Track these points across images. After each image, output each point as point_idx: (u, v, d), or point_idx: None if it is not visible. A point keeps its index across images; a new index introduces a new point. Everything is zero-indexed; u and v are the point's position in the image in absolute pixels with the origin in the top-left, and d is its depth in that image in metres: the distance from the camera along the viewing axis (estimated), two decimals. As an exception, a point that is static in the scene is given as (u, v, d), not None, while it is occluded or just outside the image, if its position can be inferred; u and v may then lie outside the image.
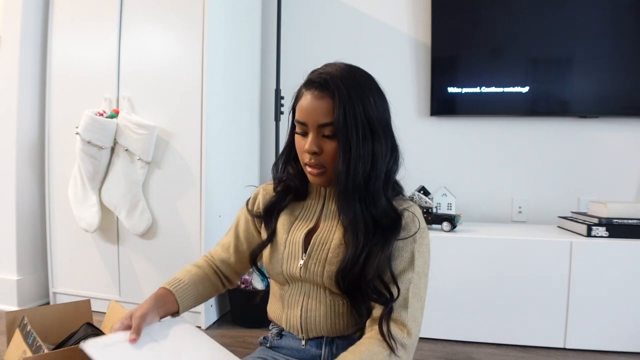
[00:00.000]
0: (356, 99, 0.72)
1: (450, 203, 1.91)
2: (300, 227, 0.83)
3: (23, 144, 1.97)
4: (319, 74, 0.75)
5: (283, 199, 0.86)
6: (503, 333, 1.67)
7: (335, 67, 0.76)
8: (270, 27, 2.28)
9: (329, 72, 0.74)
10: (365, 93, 0.74)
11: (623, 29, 1.91)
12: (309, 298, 0.80)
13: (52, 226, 1.99)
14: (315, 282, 0.79)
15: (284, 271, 0.81)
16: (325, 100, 0.73)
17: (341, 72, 0.75)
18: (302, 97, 0.76)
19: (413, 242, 0.76)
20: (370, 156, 0.74)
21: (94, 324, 1.25)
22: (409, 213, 0.78)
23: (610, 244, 1.60)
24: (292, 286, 0.82)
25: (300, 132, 0.77)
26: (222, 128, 1.89)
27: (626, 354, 1.59)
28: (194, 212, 1.78)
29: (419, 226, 0.77)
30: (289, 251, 0.81)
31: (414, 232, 0.76)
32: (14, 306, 1.93)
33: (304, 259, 0.79)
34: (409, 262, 0.75)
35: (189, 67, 1.76)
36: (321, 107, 0.73)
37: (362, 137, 0.73)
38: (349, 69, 0.77)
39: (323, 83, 0.73)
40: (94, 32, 1.88)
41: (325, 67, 0.77)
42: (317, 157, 0.76)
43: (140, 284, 1.88)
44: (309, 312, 0.79)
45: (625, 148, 2.00)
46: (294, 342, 0.83)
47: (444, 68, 2.09)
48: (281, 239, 0.83)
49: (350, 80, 0.74)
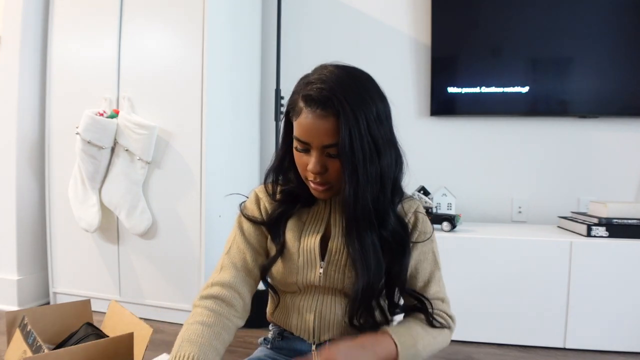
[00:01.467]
0: (360, 115, 0.67)
1: (450, 203, 1.91)
2: (311, 233, 0.79)
3: (23, 144, 1.97)
4: (318, 88, 0.68)
5: (291, 207, 0.81)
6: (503, 333, 1.67)
7: (332, 74, 0.70)
8: (270, 27, 2.28)
9: (328, 84, 0.68)
10: (369, 104, 0.69)
11: (623, 29, 1.91)
12: (324, 303, 0.78)
13: (52, 226, 1.99)
14: (333, 287, 0.77)
15: (299, 280, 0.77)
16: (329, 120, 0.68)
17: (341, 82, 0.69)
18: (301, 113, 0.70)
19: (432, 242, 0.81)
20: (379, 177, 0.71)
21: (94, 324, 1.25)
22: (421, 215, 0.80)
23: (610, 244, 1.60)
24: (304, 293, 0.80)
25: (302, 149, 0.72)
26: (222, 128, 1.89)
27: (626, 354, 1.59)
28: (194, 212, 1.78)
29: (432, 227, 0.82)
30: (305, 259, 0.77)
31: (431, 232, 0.80)
32: (14, 306, 1.93)
33: (323, 266, 0.77)
34: (434, 262, 0.80)
35: (189, 67, 1.76)
36: (325, 127, 0.68)
37: (370, 159, 0.69)
38: (348, 75, 0.71)
39: (325, 101, 0.67)
40: (94, 32, 1.88)
41: (321, 74, 0.70)
42: (322, 176, 0.72)
43: (140, 284, 1.89)
44: (323, 316, 0.78)
45: (625, 148, 2.00)
46: (300, 344, 0.81)
47: (444, 68, 2.09)
48: (293, 248, 0.78)
49: (352, 93, 0.68)
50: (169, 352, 0.72)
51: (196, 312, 0.73)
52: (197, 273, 1.80)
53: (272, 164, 0.81)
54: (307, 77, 0.73)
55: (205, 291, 0.76)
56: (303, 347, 0.81)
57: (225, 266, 0.79)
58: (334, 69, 0.71)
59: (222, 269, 0.79)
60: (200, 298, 0.75)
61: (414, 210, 0.80)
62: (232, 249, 0.80)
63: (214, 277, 0.78)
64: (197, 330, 0.69)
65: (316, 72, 0.72)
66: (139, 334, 1.06)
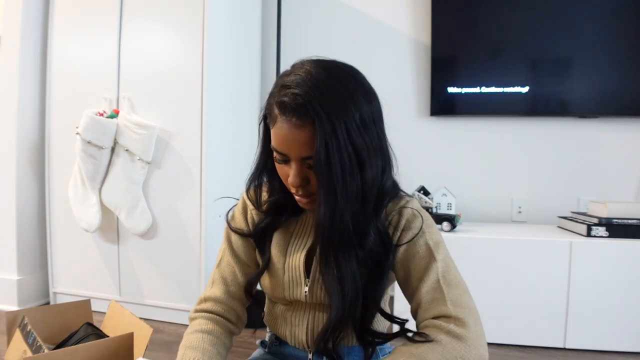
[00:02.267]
0: (339, 124, 0.59)
1: (450, 203, 1.91)
2: (297, 247, 0.74)
3: (23, 144, 1.97)
4: (292, 94, 0.60)
5: (277, 219, 0.75)
6: (503, 333, 1.67)
7: (309, 75, 0.61)
8: (270, 27, 2.28)
9: (304, 89, 0.60)
10: (350, 110, 0.60)
11: (623, 29, 1.91)
12: (315, 318, 0.75)
13: (52, 226, 1.99)
14: (321, 303, 0.73)
15: (286, 296, 0.74)
16: (305, 130, 0.60)
17: (317, 86, 0.60)
18: (277, 122, 0.63)
19: (422, 234, 0.69)
20: (360, 193, 0.63)
21: (94, 324, 1.25)
22: (407, 210, 0.70)
23: (610, 244, 1.60)
24: (295, 307, 0.77)
25: (281, 160, 0.66)
26: (222, 128, 1.89)
27: (626, 354, 1.59)
28: (194, 212, 1.78)
29: (422, 218, 0.70)
30: (290, 276, 0.73)
31: (420, 226, 0.69)
32: (14, 306, 1.93)
33: (308, 284, 0.72)
34: (428, 255, 0.67)
35: (189, 67, 1.76)
36: (301, 137, 0.61)
37: (350, 174, 0.60)
38: (328, 75, 0.62)
39: (299, 109, 0.60)
40: (94, 32, 1.88)
41: (297, 75, 0.62)
42: (304, 188, 0.66)
43: (140, 284, 1.89)
44: (315, 329, 0.74)
45: (625, 148, 2.00)
46: (296, 351, 0.80)
47: (444, 68, 2.09)
48: (278, 263, 0.74)
49: (331, 98, 0.60)
50: (169, 352, 0.73)
51: (194, 323, 0.74)
52: (197, 273, 1.80)
53: (252, 173, 0.75)
54: (283, 76, 0.65)
55: (199, 306, 0.78)
56: (299, 353, 0.80)
57: (217, 281, 0.78)
58: (312, 68, 0.62)
59: (213, 284, 0.78)
60: (195, 311, 0.77)
61: (398, 207, 0.71)
62: (222, 263, 0.79)
63: (206, 292, 0.78)
64: (198, 337, 0.70)
65: (293, 71, 0.64)
66: (139, 334, 1.06)
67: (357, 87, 0.64)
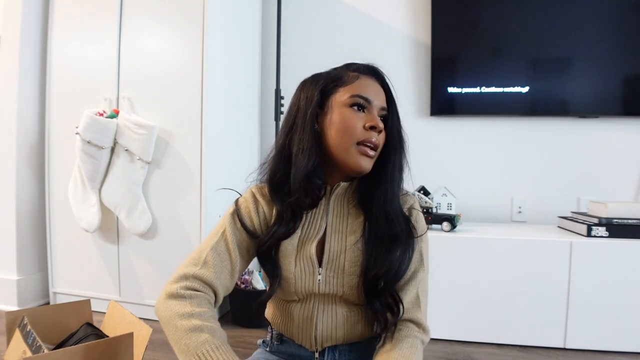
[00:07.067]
0: (395, 105, 0.78)
1: (450, 203, 1.91)
2: (308, 238, 0.75)
3: (23, 144, 1.97)
4: (366, 64, 0.77)
5: (294, 226, 0.75)
6: (503, 333, 1.67)
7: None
8: (270, 27, 2.28)
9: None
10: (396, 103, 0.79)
11: (623, 29, 1.91)
12: (324, 311, 0.75)
13: (52, 226, 1.99)
14: (332, 294, 0.74)
15: (297, 290, 0.75)
16: (382, 90, 0.77)
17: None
18: (357, 79, 0.75)
19: (421, 241, 0.77)
20: (400, 168, 0.78)
21: (94, 324, 1.25)
22: (415, 212, 0.79)
23: (610, 244, 1.60)
24: (303, 302, 0.77)
25: (361, 104, 0.73)
26: (222, 128, 1.89)
27: (626, 354, 1.59)
28: (194, 212, 1.78)
29: (425, 226, 0.79)
30: (302, 267, 0.74)
31: (424, 231, 0.78)
32: (14, 306, 1.93)
33: (322, 273, 0.74)
34: (419, 262, 0.76)
35: (189, 67, 1.76)
36: (381, 92, 0.76)
37: (400, 143, 0.78)
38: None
39: (378, 72, 0.77)
40: (94, 32, 1.88)
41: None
42: (376, 138, 0.74)
43: (140, 284, 1.88)
44: (324, 324, 0.75)
45: (625, 148, 2.00)
46: (300, 350, 0.80)
47: (444, 68, 2.09)
48: (290, 257, 0.75)
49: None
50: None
51: (181, 303, 0.68)
52: (197, 273, 1.79)
53: (275, 158, 0.78)
54: (353, 63, 0.79)
55: (184, 282, 0.70)
56: (302, 352, 0.80)
57: (209, 263, 0.72)
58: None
59: (205, 264, 0.72)
60: (180, 288, 0.69)
61: (409, 205, 0.79)
62: (219, 246, 0.74)
63: (195, 269, 0.71)
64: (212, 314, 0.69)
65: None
66: (139, 334, 1.06)
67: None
